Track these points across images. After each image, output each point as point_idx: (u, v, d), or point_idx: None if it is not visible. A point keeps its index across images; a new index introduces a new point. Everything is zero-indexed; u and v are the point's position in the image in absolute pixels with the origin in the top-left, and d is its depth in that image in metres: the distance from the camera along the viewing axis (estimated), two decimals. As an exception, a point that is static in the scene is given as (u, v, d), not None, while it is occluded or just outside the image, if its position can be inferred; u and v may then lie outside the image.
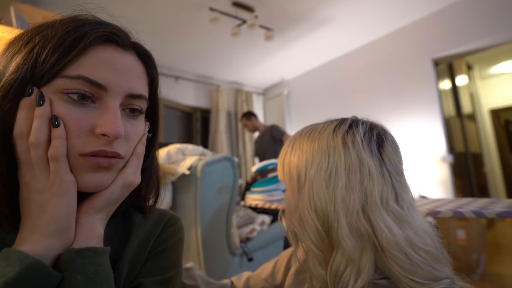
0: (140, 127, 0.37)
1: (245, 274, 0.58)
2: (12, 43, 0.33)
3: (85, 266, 0.29)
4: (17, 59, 0.30)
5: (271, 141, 2.90)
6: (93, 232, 0.32)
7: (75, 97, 0.30)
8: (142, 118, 0.38)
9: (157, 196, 0.45)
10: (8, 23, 0.94)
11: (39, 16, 1.35)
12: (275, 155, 2.73)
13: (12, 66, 0.30)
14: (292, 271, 0.52)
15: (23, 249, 0.27)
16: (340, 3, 2.60)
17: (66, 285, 0.27)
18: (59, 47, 0.30)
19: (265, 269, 0.59)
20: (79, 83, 0.30)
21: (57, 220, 0.29)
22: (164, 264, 0.40)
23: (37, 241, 0.28)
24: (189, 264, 0.63)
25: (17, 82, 0.29)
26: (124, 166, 0.35)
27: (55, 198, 0.30)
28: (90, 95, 0.31)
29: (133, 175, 0.36)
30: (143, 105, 0.36)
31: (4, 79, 0.30)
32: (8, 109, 0.30)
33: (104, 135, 0.31)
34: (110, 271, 0.31)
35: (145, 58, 0.38)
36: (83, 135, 0.31)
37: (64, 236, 0.30)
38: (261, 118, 4.87)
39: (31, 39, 0.31)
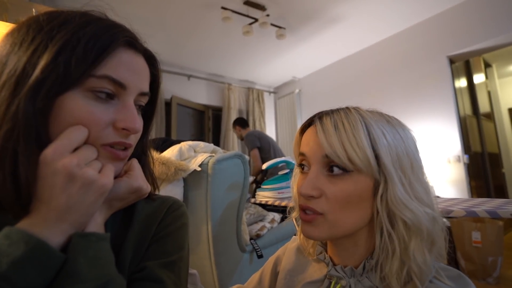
0: (141, 121, 0.41)
1: (235, 287, 0.59)
2: (24, 35, 0.32)
3: (87, 249, 0.31)
4: (45, 57, 0.30)
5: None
6: (93, 219, 0.34)
7: (101, 95, 0.33)
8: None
9: (154, 184, 0.47)
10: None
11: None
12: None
13: (41, 64, 0.30)
14: (281, 275, 0.52)
15: (43, 233, 0.29)
16: (352, 1, 2.57)
17: (69, 266, 0.29)
18: (90, 50, 0.31)
19: (252, 280, 0.59)
20: (104, 81, 0.33)
21: (87, 215, 0.32)
22: (168, 248, 0.42)
23: (64, 231, 0.30)
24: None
25: (50, 82, 0.30)
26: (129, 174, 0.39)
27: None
28: (111, 92, 0.34)
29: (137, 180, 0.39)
30: (146, 101, 0.40)
31: (33, 78, 0.30)
32: (43, 106, 0.30)
33: (124, 129, 0.35)
34: (110, 255, 0.33)
35: (152, 60, 0.41)
36: (106, 128, 0.34)
37: (83, 226, 0.33)
38: (272, 116, 4.88)
39: (54, 36, 0.31)
